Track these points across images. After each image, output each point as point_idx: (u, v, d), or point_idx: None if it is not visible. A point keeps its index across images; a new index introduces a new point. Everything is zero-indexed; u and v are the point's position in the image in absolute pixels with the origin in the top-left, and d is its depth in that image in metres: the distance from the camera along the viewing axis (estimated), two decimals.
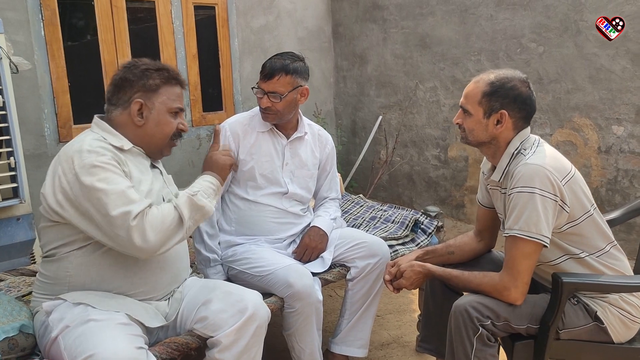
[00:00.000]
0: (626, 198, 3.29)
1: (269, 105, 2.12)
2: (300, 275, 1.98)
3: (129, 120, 1.69)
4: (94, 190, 1.49)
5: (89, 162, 1.52)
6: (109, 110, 1.71)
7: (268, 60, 2.15)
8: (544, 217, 1.61)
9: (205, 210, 1.66)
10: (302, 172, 2.29)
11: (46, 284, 1.64)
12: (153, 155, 1.78)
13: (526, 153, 1.72)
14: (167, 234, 1.56)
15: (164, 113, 1.71)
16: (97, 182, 1.50)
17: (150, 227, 1.51)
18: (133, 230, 1.48)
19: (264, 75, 2.11)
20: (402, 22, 4.41)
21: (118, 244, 1.51)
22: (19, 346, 1.58)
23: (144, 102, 1.68)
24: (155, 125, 1.71)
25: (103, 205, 1.48)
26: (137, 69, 1.69)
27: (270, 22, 4.46)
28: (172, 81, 1.72)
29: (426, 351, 2.16)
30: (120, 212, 1.48)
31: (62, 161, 1.54)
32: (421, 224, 2.61)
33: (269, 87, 2.11)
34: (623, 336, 1.71)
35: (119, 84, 1.68)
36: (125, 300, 1.61)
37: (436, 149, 4.35)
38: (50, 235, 1.61)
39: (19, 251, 2.49)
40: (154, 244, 1.52)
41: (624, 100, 3.22)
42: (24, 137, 2.97)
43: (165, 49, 3.83)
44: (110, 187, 1.50)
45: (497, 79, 1.75)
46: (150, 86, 1.68)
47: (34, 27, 3.18)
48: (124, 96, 1.67)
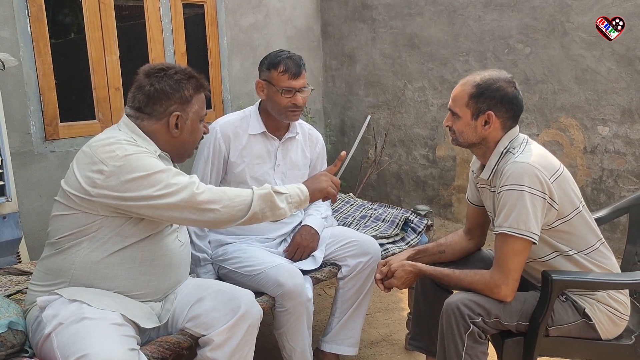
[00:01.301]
0: (611, 197, 3.34)
1: (303, 102, 2.16)
2: (290, 275, 1.98)
3: (163, 130, 1.68)
4: (148, 173, 1.51)
5: (133, 150, 1.54)
6: (139, 117, 1.67)
7: (283, 60, 2.13)
8: (532, 214, 1.64)
9: (279, 213, 1.67)
10: (294, 173, 2.29)
11: (47, 275, 1.62)
12: (179, 159, 1.79)
13: (515, 152, 1.74)
14: (234, 209, 1.59)
15: (196, 122, 1.73)
16: (149, 165, 1.53)
17: (219, 197, 1.57)
18: (199, 196, 1.54)
19: (292, 73, 2.12)
20: (390, 22, 4.42)
21: (186, 216, 1.55)
22: (8, 343, 1.56)
23: (180, 114, 1.67)
24: (189, 134, 1.72)
25: (162, 185, 1.52)
26: (171, 80, 1.66)
27: (259, 20, 4.45)
28: (201, 89, 1.73)
29: (416, 349, 2.18)
30: (182, 184, 1.54)
31: (100, 153, 1.53)
32: (411, 223, 2.62)
33: (299, 84, 2.14)
34: (611, 333, 1.73)
35: (154, 96, 1.65)
36: (122, 299, 1.60)
37: (424, 148, 4.38)
38: (64, 223, 1.59)
39: (5, 250, 2.46)
40: (226, 215, 1.57)
41: (610, 101, 3.26)
42: (10, 135, 2.93)
43: (154, 47, 3.80)
44: (163, 167, 1.55)
45: (482, 81, 1.76)
46: (186, 98, 1.68)
47: (20, 23, 3.14)
48: (160, 108, 1.66)
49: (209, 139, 2.19)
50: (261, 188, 1.65)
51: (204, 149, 2.18)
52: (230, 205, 1.58)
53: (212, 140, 2.18)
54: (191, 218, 1.56)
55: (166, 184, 1.53)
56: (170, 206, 1.53)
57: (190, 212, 1.55)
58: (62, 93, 3.39)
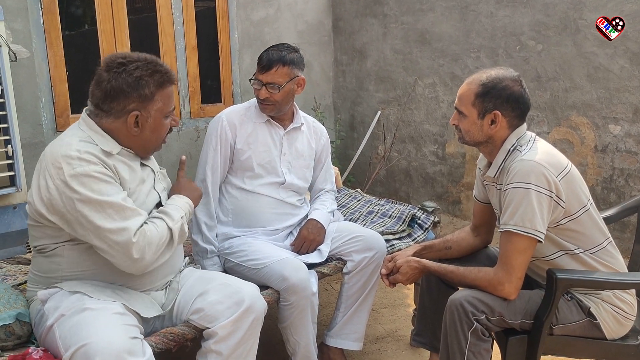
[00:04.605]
0: (621, 197, 3.31)
1: (267, 97, 2.13)
2: (295, 269, 1.99)
3: (122, 128, 1.60)
4: (88, 201, 1.45)
5: (81, 171, 1.46)
6: (98, 115, 1.60)
7: (264, 52, 2.16)
8: (539, 212, 1.63)
9: (185, 236, 1.68)
10: (300, 163, 2.31)
11: (40, 277, 1.63)
12: (144, 155, 1.73)
13: (522, 149, 1.73)
14: (160, 254, 1.57)
15: (160, 118, 1.64)
16: (90, 193, 1.46)
17: (149, 246, 1.51)
18: (133, 247, 1.47)
19: (261, 67, 2.12)
20: (402, 17, 4.40)
21: (111, 256, 1.50)
22: (15, 334, 1.59)
23: (140, 113, 1.59)
24: (151, 132, 1.65)
25: (98, 218, 1.46)
26: (130, 76, 1.55)
27: (270, 14, 4.44)
28: (166, 84, 1.62)
29: (420, 345, 2.18)
30: (118, 226, 1.47)
31: (49, 165, 1.48)
32: (418, 219, 2.62)
33: (267, 79, 2.12)
34: (616, 332, 1.72)
35: (111, 94, 1.56)
36: (122, 290, 1.61)
37: (434, 145, 4.36)
38: (39, 233, 1.59)
39: (15, 239, 2.49)
40: (148, 262, 1.53)
41: (622, 100, 3.23)
42: (21, 125, 2.96)
43: (165, 40, 3.82)
44: (105, 199, 1.47)
45: (488, 80, 1.75)
46: (146, 96, 1.58)
47: (33, 15, 3.16)
48: (117, 106, 1.57)
49: (215, 128, 2.20)
50: (170, 219, 1.61)
51: (211, 138, 2.19)
52: (157, 249, 1.55)
53: (218, 129, 2.19)
54: (108, 252, 1.50)
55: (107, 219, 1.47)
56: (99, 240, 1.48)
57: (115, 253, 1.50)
58: (74, 85, 3.41)
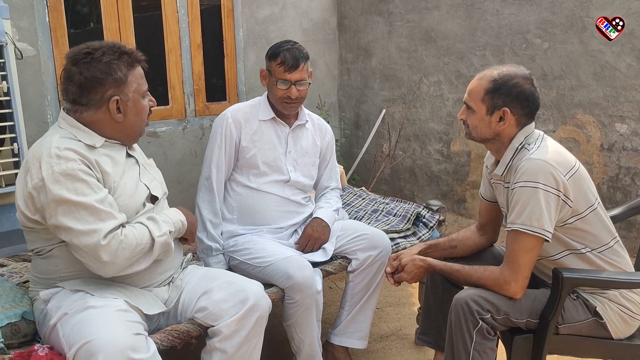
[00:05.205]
0: (628, 196, 3.29)
1: (298, 95, 2.14)
2: (300, 267, 1.99)
3: (105, 117, 1.59)
4: (62, 200, 1.44)
5: (59, 170, 1.45)
6: (77, 110, 1.58)
7: (284, 51, 2.13)
8: (546, 211, 1.62)
9: (169, 253, 1.65)
10: (305, 160, 2.31)
11: (40, 278, 1.64)
12: (131, 141, 1.71)
13: (530, 148, 1.72)
14: (134, 262, 1.53)
15: (139, 100, 1.63)
16: (66, 192, 1.44)
17: (122, 250, 1.48)
18: (102, 249, 1.45)
19: (289, 66, 2.11)
20: (407, 15, 4.39)
21: (81, 256, 1.48)
22: (21, 332, 1.60)
23: (119, 98, 1.58)
24: (135, 115, 1.64)
25: (71, 218, 1.44)
26: (100, 64, 1.54)
27: (275, 13, 4.44)
28: (135, 64, 1.62)
29: (425, 344, 2.18)
30: (88, 228, 1.45)
31: (31, 166, 1.48)
32: (423, 218, 2.61)
33: (295, 77, 2.13)
34: (622, 332, 1.71)
35: (86, 85, 1.54)
36: (124, 287, 1.61)
37: (439, 143, 4.35)
38: (32, 236, 1.59)
39: (21, 237, 2.48)
40: (118, 266, 1.50)
41: (628, 98, 3.21)
42: (27, 123, 2.96)
43: (170, 38, 3.82)
44: (80, 199, 1.45)
45: (499, 76, 1.74)
46: (120, 79, 1.57)
47: (39, 12, 3.17)
48: (95, 96, 1.55)
49: (220, 125, 2.19)
50: (158, 232, 1.59)
51: (216, 136, 2.19)
52: (132, 255, 1.52)
53: (223, 126, 2.19)
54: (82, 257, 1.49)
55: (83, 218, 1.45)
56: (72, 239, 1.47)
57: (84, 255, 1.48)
58: None
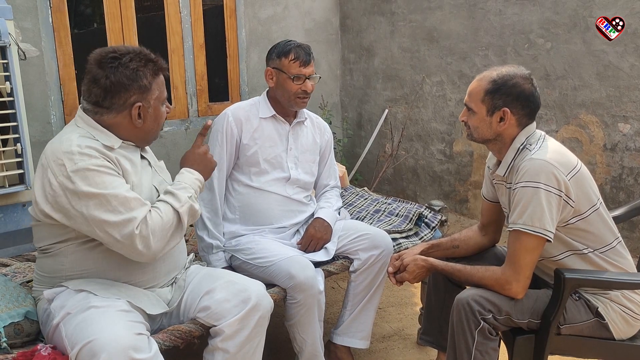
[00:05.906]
0: (630, 196, 3.29)
1: (312, 89, 2.20)
2: (302, 267, 1.99)
3: (125, 121, 1.61)
4: (92, 195, 1.46)
5: (83, 166, 1.47)
6: (97, 112, 1.60)
7: (291, 48, 2.16)
8: (548, 212, 1.62)
9: (197, 214, 1.67)
10: (306, 157, 2.32)
11: (44, 277, 1.64)
12: (145, 144, 1.74)
13: (532, 148, 1.72)
14: (168, 239, 1.56)
15: (159, 107, 1.67)
16: (94, 187, 1.46)
17: (153, 235, 1.50)
18: (137, 238, 1.47)
19: (303, 61, 2.15)
20: (410, 15, 4.39)
21: (118, 248, 1.50)
22: (24, 332, 1.60)
23: (142, 105, 1.61)
24: (153, 121, 1.67)
25: (102, 211, 1.46)
26: (127, 69, 1.57)
27: (277, 13, 4.44)
28: (159, 72, 1.65)
29: (427, 344, 2.18)
30: (123, 218, 1.47)
31: (51, 162, 1.49)
32: (425, 218, 2.61)
33: (309, 71, 2.18)
34: (624, 333, 1.71)
35: (111, 89, 1.56)
36: (127, 287, 1.61)
37: (441, 143, 4.35)
38: (43, 233, 1.60)
39: (25, 237, 2.51)
40: (155, 250, 1.52)
41: (632, 98, 3.20)
42: (30, 123, 2.98)
43: (173, 38, 3.83)
44: (109, 191, 1.47)
45: (499, 77, 1.74)
46: (145, 86, 1.60)
47: (42, 13, 3.18)
48: (119, 100, 1.58)
49: (221, 124, 2.20)
50: (177, 200, 1.60)
51: (217, 134, 2.20)
52: (163, 235, 1.54)
53: (224, 125, 2.19)
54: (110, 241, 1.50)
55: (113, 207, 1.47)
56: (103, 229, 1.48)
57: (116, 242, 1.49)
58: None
